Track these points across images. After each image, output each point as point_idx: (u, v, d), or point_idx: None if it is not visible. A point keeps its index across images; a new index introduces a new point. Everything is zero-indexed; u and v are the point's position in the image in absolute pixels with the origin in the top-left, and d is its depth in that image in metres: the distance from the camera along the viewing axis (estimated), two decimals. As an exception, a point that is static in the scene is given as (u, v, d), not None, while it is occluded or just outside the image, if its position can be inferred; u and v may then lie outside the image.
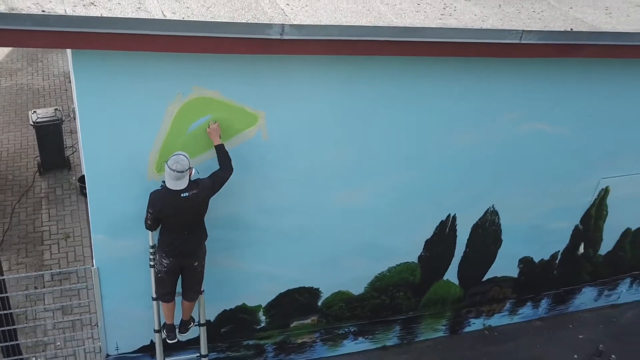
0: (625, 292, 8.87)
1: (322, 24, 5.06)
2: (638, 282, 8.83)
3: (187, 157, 5.43)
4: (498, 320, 8.44)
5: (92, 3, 4.80)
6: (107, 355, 6.87)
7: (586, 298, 8.69)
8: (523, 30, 5.56)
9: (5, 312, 6.61)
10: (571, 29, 5.74)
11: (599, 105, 6.83)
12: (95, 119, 5.32)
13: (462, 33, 5.41)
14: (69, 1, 4.76)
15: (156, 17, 4.73)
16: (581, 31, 5.76)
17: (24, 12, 4.49)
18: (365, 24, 5.18)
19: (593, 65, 6.48)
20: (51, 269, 8.58)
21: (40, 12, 4.52)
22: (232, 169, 5.61)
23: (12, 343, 6.87)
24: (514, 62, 6.19)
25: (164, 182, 5.53)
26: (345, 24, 5.12)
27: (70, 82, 12.81)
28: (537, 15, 6.02)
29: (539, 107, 6.64)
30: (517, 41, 5.56)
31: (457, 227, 7.23)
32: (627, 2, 6.82)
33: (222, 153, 5.56)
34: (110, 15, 4.64)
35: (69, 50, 6.00)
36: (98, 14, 4.62)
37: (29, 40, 4.68)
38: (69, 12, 4.59)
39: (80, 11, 4.64)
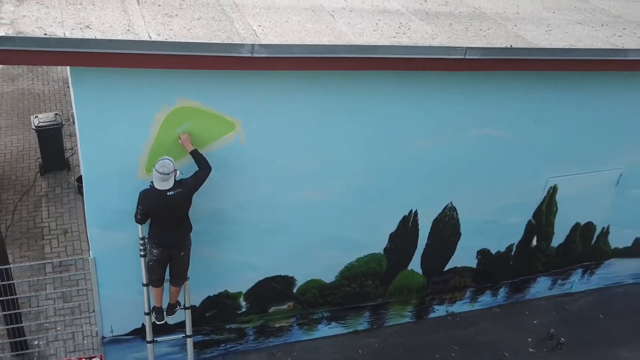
0: (577, 282, 9.63)
1: (288, 43, 5.83)
2: (589, 272, 9.59)
3: (172, 161, 6.19)
4: (460, 307, 9.19)
5: (88, 26, 5.57)
6: (103, 338, 7.59)
7: (541, 287, 9.45)
8: (467, 47, 6.33)
9: (11, 297, 7.37)
10: (511, 46, 6.52)
11: (542, 113, 7.60)
12: (92, 125, 6.08)
13: (411, 50, 6.17)
14: (67, 25, 5.53)
15: (143, 38, 5.49)
16: (520, 47, 6.53)
17: (29, 36, 5.25)
18: (326, 43, 5.95)
19: (535, 77, 7.25)
20: (52, 263, 9.32)
21: (42, 35, 5.28)
22: (210, 167, 6.37)
23: (17, 325, 7.62)
24: (464, 73, 6.95)
25: (152, 182, 6.29)
26: (308, 43, 5.89)
27: (69, 87, 13.55)
28: (483, 32, 6.80)
29: (488, 114, 7.41)
30: (462, 56, 6.33)
31: (418, 221, 7.99)
32: (568, 19, 7.62)
33: (197, 156, 6.32)
34: (103, 37, 5.41)
35: (68, 65, 6.74)
36: (92, 37, 5.39)
37: (34, 59, 5.44)
38: (68, 34, 5.35)
39: (77, 34, 5.40)
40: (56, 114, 11.15)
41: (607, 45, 6.93)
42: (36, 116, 10.98)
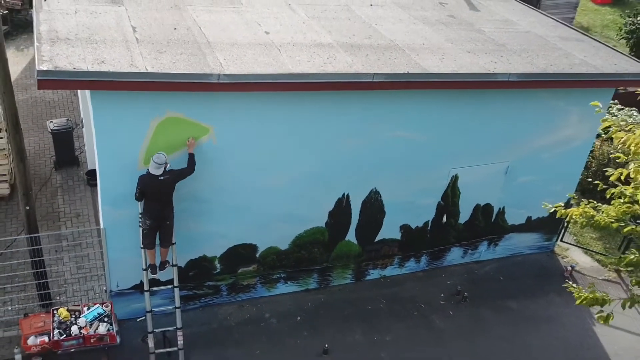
0: (484, 252, 12.10)
1: (244, 73, 8.29)
2: (493, 244, 12.06)
3: (165, 155, 8.62)
4: (390, 271, 11.63)
5: (102, 62, 8.01)
6: (111, 291, 9.99)
7: (455, 256, 11.92)
8: (374, 73, 8.80)
9: (39, 258, 9.78)
10: (407, 72, 8.99)
11: (443, 119, 10.04)
12: (106, 131, 8.50)
13: (333, 76, 8.64)
14: (88, 60, 7.97)
15: (141, 70, 7.94)
16: (414, 72, 9.01)
17: (63, 69, 7.69)
18: (271, 72, 8.41)
19: (436, 92, 9.68)
20: (67, 239, 11.71)
21: (72, 69, 7.72)
22: (193, 170, 8.78)
23: (43, 281, 10.00)
24: (381, 91, 9.38)
25: (148, 169, 8.71)
26: (258, 73, 8.36)
27: (75, 95, 15.90)
28: (390, 61, 9.27)
29: (401, 120, 9.84)
30: (371, 80, 8.79)
31: (350, 202, 10.43)
32: (461, 49, 10.11)
33: (191, 158, 8.77)
34: (114, 70, 7.85)
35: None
36: (107, 69, 7.83)
37: (67, 85, 7.97)
38: (89, 68, 7.80)
39: (96, 67, 7.85)
40: (67, 119, 13.51)
41: (482, 70, 9.42)
42: (51, 121, 13.33)
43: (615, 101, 15.06)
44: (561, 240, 12.64)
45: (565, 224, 12.37)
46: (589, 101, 10.55)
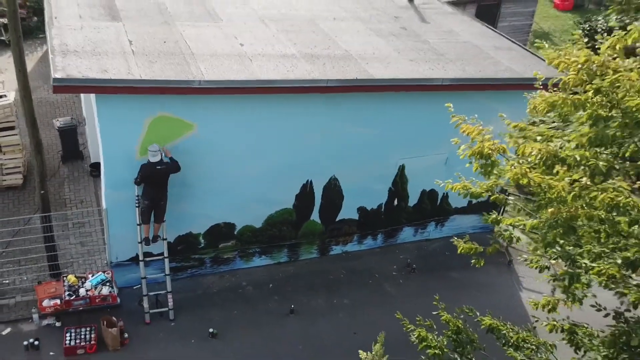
0: (433, 231, 14.01)
1: (220, 79, 10.20)
2: (440, 224, 13.97)
3: (158, 146, 10.49)
4: (351, 247, 13.51)
5: (105, 70, 9.90)
6: (111, 263, 11.87)
7: (407, 234, 13.83)
8: (328, 79, 10.71)
9: (50, 234, 11.66)
10: (356, 77, 10.90)
11: (391, 117, 11.96)
12: (108, 127, 10.38)
13: (293, 82, 10.54)
14: (94, 70, 9.86)
15: (137, 77, 9.83)
16: (362, 78, 10.92)
17: (74, 77, 9.58)
18: (242, 79, 10.32)
19: (383, 95, 11.58)
20: (73, 220, 13.57)
21: (82, 77, 9.62)
22: (179, 169, 10.64)
23: (54, 253, 11.87)
24: (338, 94, 11.28)
25: (148, 159, 10.57)
26: (232, 79, 10.26)
27: (77, 97, 17.74)
28: (343, 69, 11.18)
29: (355, 118, 11.74)
30: (325, 85, 10.70)
31: (314, 187, 12.33)
32: (405, 58, 12.03)
33: (173, 161, 10.60)
34: (115, 77, 9.74)
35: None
36: (109, 77, 9.72)
37: (76, 90, 9.84)
38: (95, 76, 9.69)
39: (100, 75, 9.73)
40: (72, 117, 15.38)
41: (419, 75, 11.33)
42: (57, 119, 15.19)
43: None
44: (500, 222, 14.53)
45: (504, 208, 14.28)
46: (517, 101, 12.59)
